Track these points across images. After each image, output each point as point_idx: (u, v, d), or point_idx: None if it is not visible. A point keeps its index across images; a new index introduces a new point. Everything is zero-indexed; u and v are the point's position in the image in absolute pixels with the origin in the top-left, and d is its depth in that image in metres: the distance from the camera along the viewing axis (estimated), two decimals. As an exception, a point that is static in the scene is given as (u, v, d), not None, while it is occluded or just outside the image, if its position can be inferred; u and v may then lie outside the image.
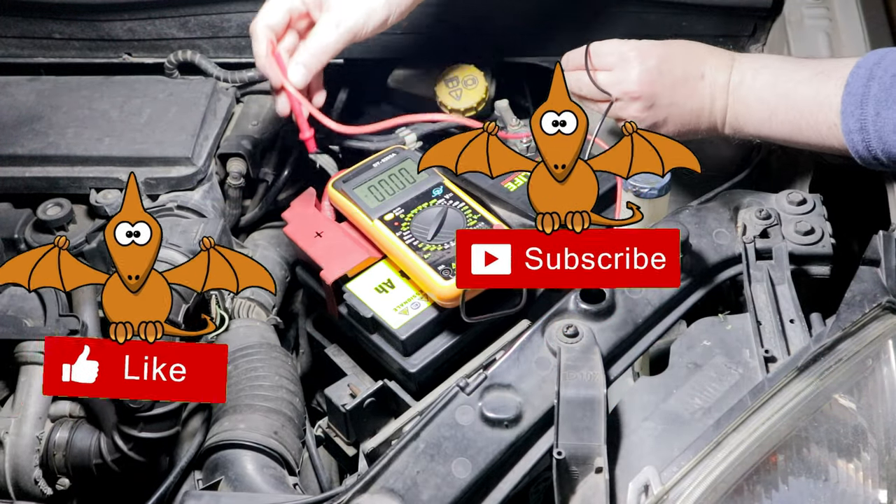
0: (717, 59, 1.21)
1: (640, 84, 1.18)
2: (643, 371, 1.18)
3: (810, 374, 0.93)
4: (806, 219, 1.14)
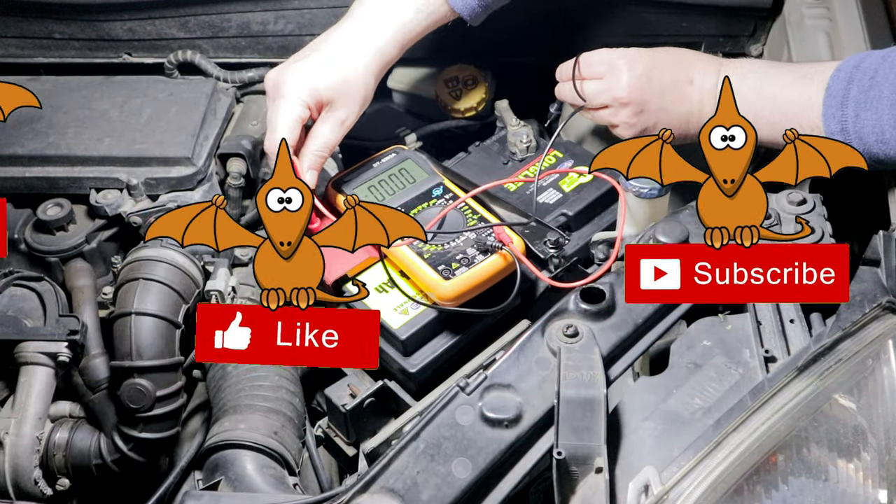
0: (704, 64, 1.23)
1: (629, 91, 1.20)
2: (643, 371, 1.18)
3: (810, 374, 0.93)
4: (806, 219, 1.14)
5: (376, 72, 1.22)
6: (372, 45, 1.21)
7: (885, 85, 1.06)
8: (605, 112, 1.24)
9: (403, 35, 1.24)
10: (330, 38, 1.22)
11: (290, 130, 1.16)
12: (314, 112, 1.18)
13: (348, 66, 1.19)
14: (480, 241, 1.12)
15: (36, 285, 1.20)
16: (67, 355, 1.15)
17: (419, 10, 1.25)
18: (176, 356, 1.13)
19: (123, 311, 1.11)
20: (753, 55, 1.54)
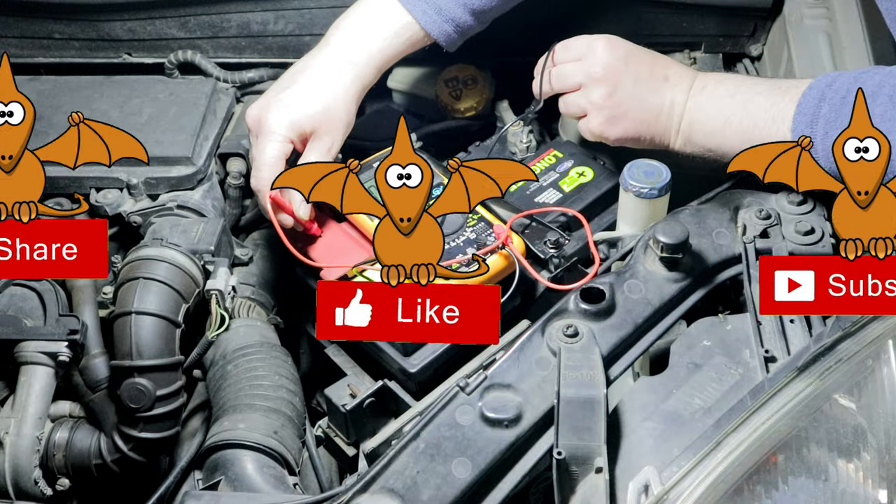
0: (681, 67, 1.23)
1: (605, 68, 1.19)
2: (643, 371, 1.18)
3: (810, 374, 0.93)
4: (806, 219, 1.14)
5: (356, 97, 1.23)
6: (351, 72, 1.22)
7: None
8: (577, 95, 1.22)
9: (380, 60, 1.25)
10: (308, 67, 1.22)
11: (274, 167, 1.17)
12: (298, 145, 1.19)
13: (329, 94, 1.20)
14: (480, 241, 1.12)
15: (36, 285, 1.20)
16: (67, 355, 1.15)
17: (396, 36, 1.26)
18: (176, 356, 1.12)
19: (123, 310, 1.11)
20: (753, 55, 1.55)
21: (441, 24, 1.26)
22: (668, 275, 1.06)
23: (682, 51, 1.55)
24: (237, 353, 1.17)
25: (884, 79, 1.07)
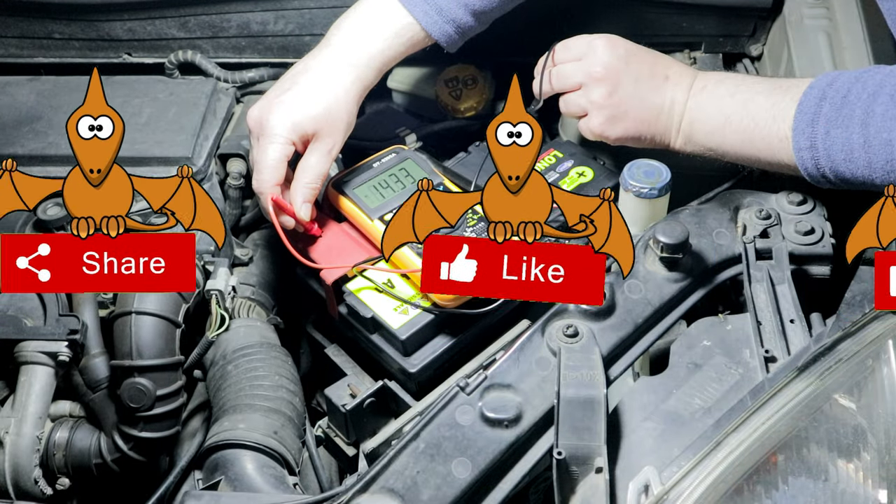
0: (682, 67, 1.23)
1: (606, 67, 1.19)
2: (643, 371, 1.18)
3: (810, 374, 0.93)
4: (806, 219, 1.14)
5: (357, 98, 1.23)
6: (351, 73, 1.22)
7: (857, 105, 1.06)
8: (577, 94, 1.22)
9: (381, 61, 1.25)
10: (308, 69, 1.22)
11: (276, 170, 1.17)
12: (299, 146, 1.19)
13: (329, 95, 1.19)
14: (480, 241, 1.12)
15: (36, 285, 1.20)
16: (67, 355, 1.15)
17: (396, 36, 1.25)
18: (176, 355, 1.12)
19: (123, 310, 1.11)
20: (753, 55, 1.54)
21: (442, 25, 1.27)
22: (668, 275, 1.06)
23: (682, 51, 1.55)
24: (237, 353, 1.17)
25: (885, 78, 1.07)
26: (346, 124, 1.21)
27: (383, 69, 1.27)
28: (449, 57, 1.35)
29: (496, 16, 1.33)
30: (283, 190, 1.18)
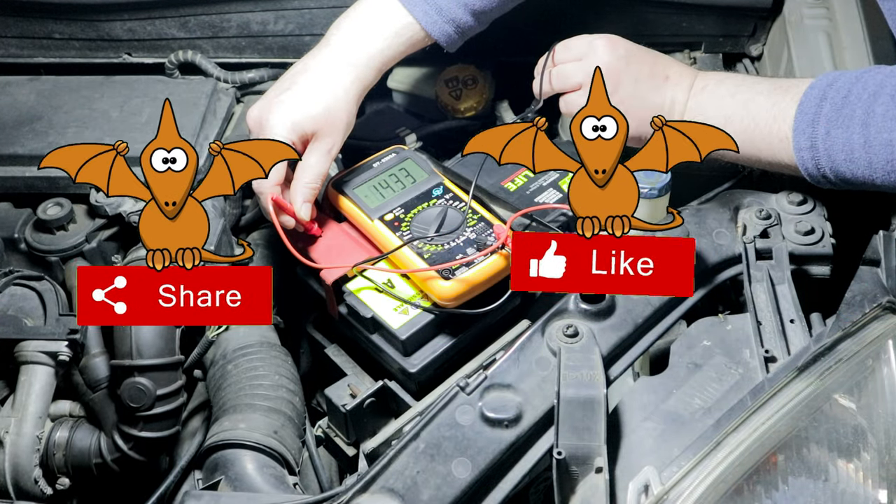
0: (682, 67, 1.23)
1: (606, 67, 1.18)
2: (643, 371, 1.18)
3: (810, 374, 0.93)
4: (806, 219, 1.14)
5: (356, 98, 1.23)
6: (351, 73, 1.22)
7: (858, 105, 1.06)
8: (578, 94, 1.22)
9: (381, 61, 1.25)
10: (308, 69, 1.22)
11: (276, 170, 1.16)
12: (299, 146, 1.19)
13: (329, 95, 1.19)
14: (480, 241, 1.12)
15: (36, 284, 1.20)
16: (68, 354, 1.15)
17: (396, 36, 1.25)
18: (176, 355, 1.12)
19: (123, 310, 1.11)
20: (753, 55, 1.54)
21: (442, 25, 1.27)
22: (668, 275, 1.06)
23: (682, 51, 1.55)
24: (237, 352, 1.17)
25: (885, 78, 1.07)
26: (346, 124, 1.21)
27: (383, 69, 1.27)
28: (449, 57, 1.35)
29: (496, 16, 1.33)
30: (283, 190, 1.18)
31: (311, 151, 1.19)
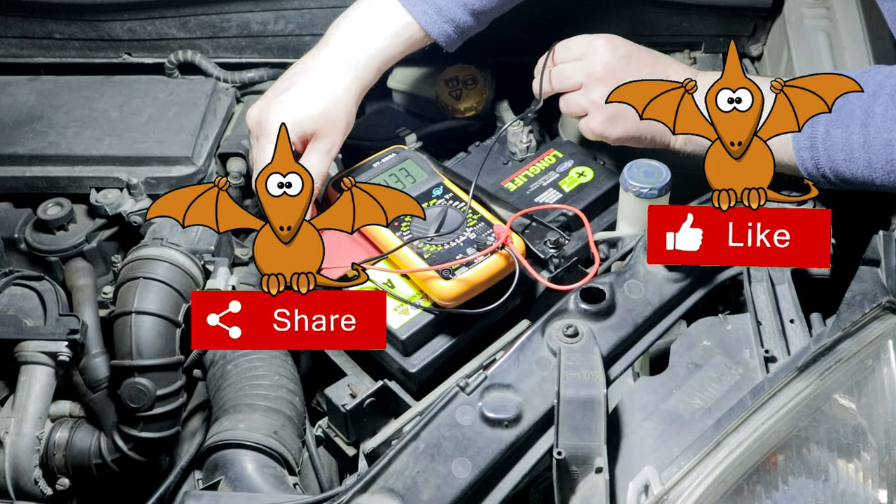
0: (682, 67, 1.23)
1: (606, 67, 1.19)
2: (643, 371, 1.18)
3: (810, 374, 0.93)
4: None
5: (356, 97, 1.23)
6: (350, 73, 1.22)
7: (857, 105, 1.06)
8: (578, 94, 1.22)
9: (380, 61, 1.25)
10: (308, 69, 1.22)
11: None
12: (299, 146, 1.19)
13: (329, 95, 1.19)
14: (480, 241, 1.12)
15: (36, 285, 1.20)
16: (67, 355, 1.15)
17: (396, 36, 1.25)
18: (176, 355, 1.13)
19: (123, 310, 1.11)
20: (753, 55, 1.55)
21: (441, 25, 1.27)
22: (668, 275, 1.06)
23: (682, 51, 1.55)
24: (237, 353, 1.17)
25: (885, 79, 1.07)
26: (346, 124, 1.21)
27: (382, 69, 1.27)
28: (449, 57, 1.35)
29: (495, 15, 1.33)
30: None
31: (310, 151, 1.19)
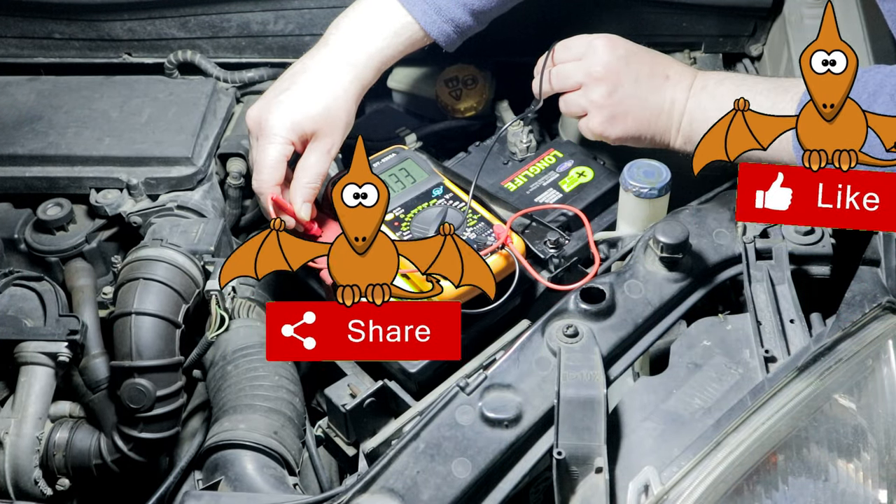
0: (682, 66, 1.23)
1: (606, 67, 1.19)
2: (643, 371, 1.18)
3: (810, 374, 0.93)
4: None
5: (356, 97, 1.23)
6: (350, 72, 1.22)
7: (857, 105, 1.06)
8: (577, 94, 1.22)
9: (380, 60, 1.25)
10: (307, 69, 1.22)
11: (275, 170, 1.17)
12: (298, 146, 1.19)
13: (328, 94, 1.19)
14: (480, 241, 1.12)
15: (36, 285, 1.20)
16: (67, 355, 1.15)
17: (395, 35, 1.25)
18: (176, 356, 1.13)
19: (123, 310, 1.11)
20: (753, 55, 1.55)
21: (441, 25, 1.27)
22: (668, 275, 1.06)
23: (682, 51, 1.55)
24: (237, 353, 1.17)
25: (885, 78, 1.07)
26: (345, 123, 1.21)
27: (382, 68, 1.27)
28: (449, 57, 1.35)
29: (495, 15, 1.33)
30: (283, 190, 1.18)
31: (310, 151, 1.19)
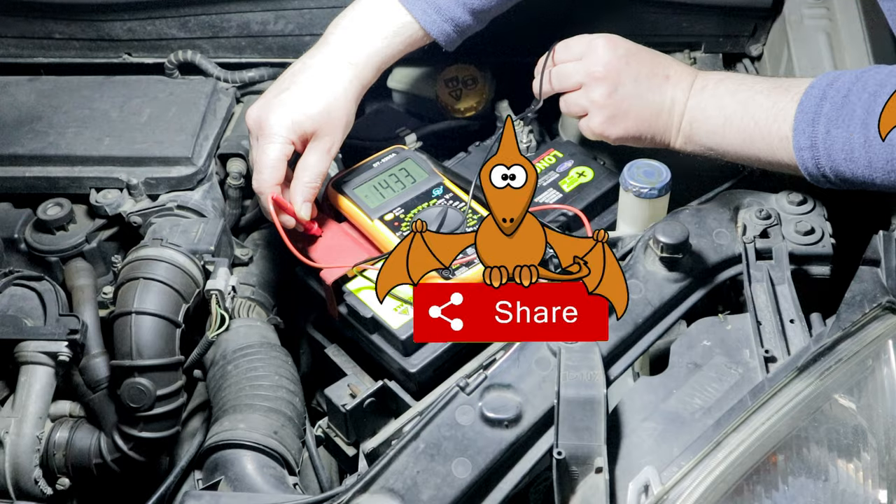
0: (682, 66, 1.23)
1: (606, 67, 1.19)
2: (643, 371, 1.18)
3: (810, 374, 0.93)
4: (806, 219, 1.14)
5: (356, 97, 1.23)
6: (350, 72, 1.22)
7: (858, 104, 1.06)
8: (578, 94, 1.22)
9: (380, 59, 1.25)
10: (307, 68, 1.22)
11: (276, 170, 1.17)
12: (298, 146, 1.19)
13: (328, 94, 1.19)
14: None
15: (36, 285, 1.20)
16: (67, 355, 1.15)
17: (395, 34, 1.25)
18: (176, 355, 1.12)
19: (123, 310, 1.11)
20: (753, 55, 1.54)
21: (440, 24, 1.27)
22: (668, 275, 1.06)
23: (682, 51, 1.55)
24: (237, 353, 1.17)
25: (885, 78, 1.07)
26: (345, 123, 1.21)
27: (382, 68, 1.27)
28: (449, 57, 1.35)
29: (494, 14, 1.33)
30: (283, 189, 1.18)
31: (310, 151, 1.19)
